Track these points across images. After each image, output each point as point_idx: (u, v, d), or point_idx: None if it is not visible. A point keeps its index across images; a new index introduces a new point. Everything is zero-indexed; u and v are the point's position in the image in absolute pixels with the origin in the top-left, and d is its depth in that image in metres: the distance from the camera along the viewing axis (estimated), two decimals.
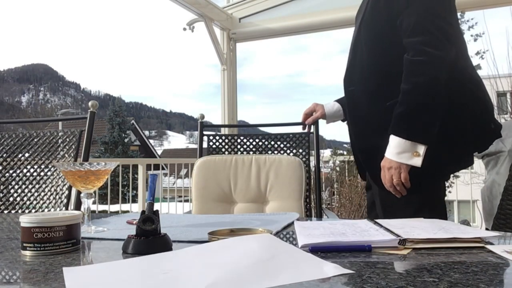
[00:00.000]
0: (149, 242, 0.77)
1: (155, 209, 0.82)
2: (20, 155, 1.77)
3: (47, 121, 3.27)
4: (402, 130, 1.28)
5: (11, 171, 1.76)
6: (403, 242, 0.76)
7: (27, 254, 0.77)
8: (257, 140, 2.10)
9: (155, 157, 29.09)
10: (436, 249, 0.75)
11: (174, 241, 0.82)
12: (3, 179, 1.75)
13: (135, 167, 5.62)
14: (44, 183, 1.72)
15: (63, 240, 0.79)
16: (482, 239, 0.79)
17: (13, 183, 1.74)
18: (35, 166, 1.74)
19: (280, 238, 0.89)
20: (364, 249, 0.75)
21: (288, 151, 2.04)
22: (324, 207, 5.07)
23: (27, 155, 1.76)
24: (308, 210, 1.93)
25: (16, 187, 1.73)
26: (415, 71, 1.28)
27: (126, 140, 27.05)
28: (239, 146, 2.11)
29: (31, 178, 1.73)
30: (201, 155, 2.07)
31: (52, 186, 1.70)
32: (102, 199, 9.67)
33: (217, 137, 2.14)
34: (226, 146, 2.11)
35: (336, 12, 4.13)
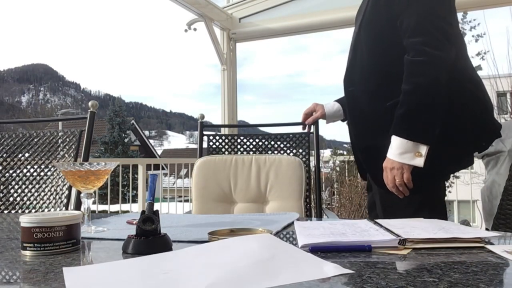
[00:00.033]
0: (149, 242, 0.77)
1: (155, 209, 0.82)
2: (20, 155, 1.76)
3: (47, 121, 3.27)
4: (404, 130, 1.28)
5: (11, 171, 1.76)
6: (403, 242, 0.76)
7: (27, 254, 0.77)
8: (257, 140, 2.10)
9: (155, 157, 29.09)
10: (436, 249, 0.75)
11: (174, 241, 0.82)
12: (3, 179, 1.75)
13: (135, 167, 5.62)
14: (44, 183, 1.72)
15: (63, 240, 0.79)
16: (482, 239, 0.79)
17: (13, 183, 1.74)
18: (35, 166, 1.74)
19: (280, 238, 0.89)
20: (364, 249, 0.75)
21: (288, 151, 2.04)
22: (324, 207, 5.07)
23: (27, 155, 1.76)
24: (308, 210, 1.93)
25: (16, 187, 1.73)
26: (416, 71, 1.28)
27: (126, 140, 27.05)
28: (239, 146, 2.11)
29: (31, 178, 1.73)
30: (201, 155, 2.07)
31: (52, 186, 1.70)
32: (102, 199, 9.67)
33: (217, 137, 2.14)
34: (226, 146, 2.11)
35: (336, 12, 4.13)
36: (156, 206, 0.84)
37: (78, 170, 1.00)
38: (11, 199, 1.72)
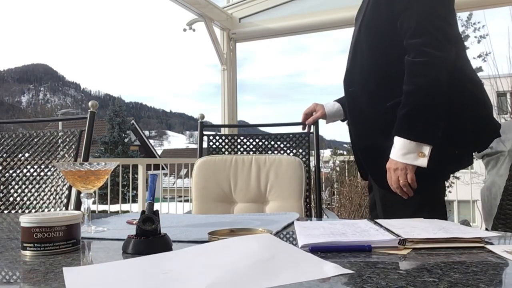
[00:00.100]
0: (149, 242, 0.77)
1: (155, 209, 0.82)
2: (20, 155, 1.76)
3: (47, 121, 3.27)
4: (406, 131, 1.28)
5: (11, 171, 1.76)
6: (403, 242, 0.76)
7: (27, 254, 0.77)
8: (257, 140, 2.10)
9: (155, 157, 29.09)
10: (436, 249, 0.75)
11: (174, 241, 0.82)
12: (3, 179, 1.75)
13: (135, 167, 5.62)
14: (44, 183, 1.72)
15: (63, 240, 0.79)
16: (482, 239, 0.79)
17: (13, 183, 1.74)
18: (35, 166, 1.74)
19: (280, 238, 0.89)
20: (364, 249, 0.75)
21: (288, 151, 2.04)
22: (324, 207, 5.07)
23: (27, 155, 1.76)
24: (308, 210, 1.93)
25: (16, 187, 1.73)
26: (417, 72, 1.29)
27: (126, 140, 27.05)
28: (239, 146, 2.11)
29: (31, 178, 1.73)
30: (201, 155, 2.07)
31: (52, 186, 1.70)
32: (102, 199, 9.67)
33: (217, 137, 2.14)
34: (226, 146, 2.11)
35: (336, 12, 4.13)
36: (156, 206, 0.84)
37: (78, 170, 1.00)
38: (11, 199, 1.72)
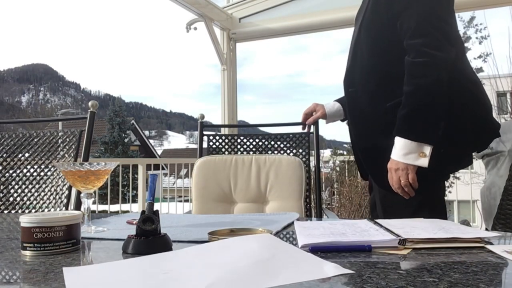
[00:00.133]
0: (149, 242, 0.77)
1: (155, 209, 0.82)
2: (20, 155, 1.76)
3: (47, 121, 3.27)
4: (407, 131, 1.28)
5: (11, 171, 1.76)
6: (403, 242, 0.76)
7: (27, 254, 0.77)
8: (257, 140, 2.10)
9: (155, 157, 29.09)
10: (436, 249, 0.75)
11: (174, 241, 0.82)
12: (3, 179, 1.75)
13: (135, 167, 5.62)
14: (44, 183, 1.72)
15: (63, 240, 0.79)
16: (482, 239, 0.79)
17: (13, 183, 1.74)
18: (35, 166, 1.74)
19: (280, 238, 0.89)
20: (364, 249, 0.75)
21: (288, 151, 2.04)
22: (324, 207, 5.07)
23: (27, 155, 1.76)
24: (308, 210, 1.93)
25: (16, 187, 1.73)
26: (417, 72, 1.29)
27: (126, 140, 27.05)
28: (239, 146, 2.11)
29: (31, 178, 1.73)
30: (201, 155, 2.07)
31: (52, 186, 1.70)
32: (102, 199, 9.67)
33: (217, 137, 2.14)
34: (226, 146, 2.11)
35: (336, 12, 4.13)
36: (156, 206, 0.84)
37: (78, 170, 1.00)
38: (11, 199, 1.72)
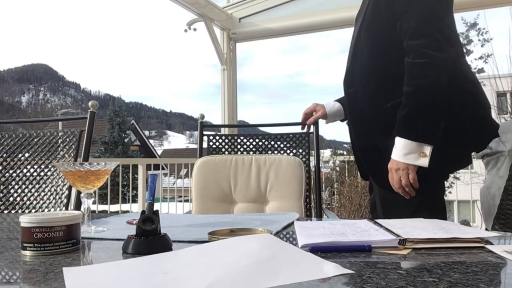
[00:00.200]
0: (149, 242, 0.77)
1: (155, 209, 0.82)
2: (20, 155, 1.76)
3: (47, 121, 3.27)
4: (407, 131, 1.29)
5: (11, 171, 1.76)
6: (403, 242, 0.76)
7: (27, 254, 0.77)
8: (257, 140, 2.10)
9: (155, 157, 29.08)
10: (436, 249, 0.75)
11: (174, 241, 0.82)
12: (3, 179, 1.75)
13: (135, 167, 5.62)
14: (44, 183, 1.72)
15: (63, 240, 0.79)
16: (482, 239, 0.79)
17: (13, 183, 1.74)
18: (35, 166, 1.74)
19: (280, 238, 0.89)
20: (364, 249, 0.75)
21: (288, 151, 2.04)
22: (324, 207, 5.07)
23: (27, 155, 1.76)
24: (308, 210, 1.93)
25: (16, 187, 1.73)
26: (417, 73, 1.29)
27: (126, 140, 27.05)
28: (239, 146, 2.11)
29: (31, 178, 1.73)
30: (201, 155, 2.07)
31: (52, 186, 1.70)
32: (102, 199, 9.67)
33: (217, 137, 2.14)
34: (226, 146, 2.11)
35: (336, 12, 4.14)
36: (156, 206, 0.84)
37: (78, 170, 1.00)
38: (11, 199, 1.72)
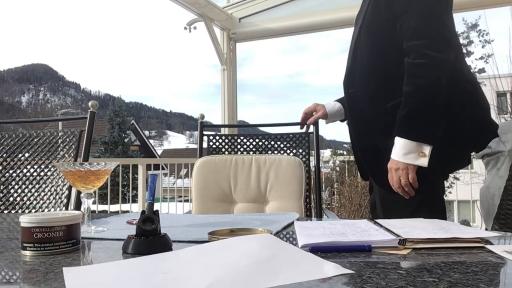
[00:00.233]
0: (149, 242, 0.77)
1: (155, 209, 0.82)
2: (20, 155, 1.76)
3: (47, 121, 3.27)
4: (407, 131, 1.29)
5: (11, 171, 1.76)
6: (403, 242, 0.76)
7: (27, 254, 0.77)
8: (257, 140, 2.10)
9: (155, 157, 29.08)
10: (436, 249, 0.75)
11: (174, 241, 0.82)
12: (3, 179, 1.75)
13: (135, 167, 5.62)
14: (44, 183, 1.72)
15: (63, 240, 0.79)
16: (482, 239, 0.79)
17: (13, 183, 1.74)
18: (35, 166, 1.74)
19: (280, 238, 0.89)
20: (364, 249, 0.75)
21: (288, 151, 2.04)
22: (324, 207, 5.07)
23: (27, 155, 1.76)
24: (308, 210, 1.93)
25: (16, 187, 1.73)
26: (417, 73, 1.29)
27: (126, 140, 27.05)
28: (239, 146, 2.11)
29: (31, 178, 1.73)
30: (201, 155, 2.07)
31: (52, 186, 1.70)
32: (102, 199, 9.67)
33: (217, 137, 2.14)
34: (226, 146, 2.11)
35: (336, 12, 4.14)
36: (156, 206, 0.84)
37: (78, 170, 1.00)
38: (11, 199, 1.72)
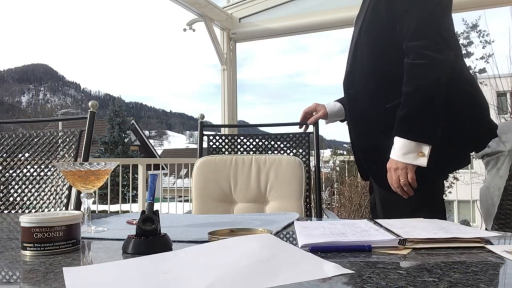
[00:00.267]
0: (149, 242, 0.77)
1: (155, 209, 0.82)
2: (20, 155, 1.76)
3: (47, 121, 3.27)
4: (406, 131, 1.30)
5: (11, 171, 1.76)
6: (403, 242, 0.76)
7: (27, 254, 0.77)
8: (257, 140, 2.10)
9: (155, 157, 29.08)
10: (436, 249, 0.75)
11: (174, 241, 0.82)
12: (3, 179, 1.75)
13: (135, 167, 5.62)
14: (44, 183, 1.72)
15: (63, 240, 0.79)
16: (482, 239, 0.79)
17: (13, 183, 1.74)
18: (35, 166, 1.74)
19: (280, 238, 0.89)
20: (364, 249, 0.75)
21: (288, 151, 2.04)
22: (324, 207, 5.07)
23: (27, 155, 1.76)
24: (308, 210, 1.93)
25: (16, 187, 1.73)
26: (416, 74, 1.30)
27: (126, 140, 27.05)
28: (239, 146, 2.11)
29: (31, 178, 1.73)
30: (201, 155, 2.07)
31: (52, 186, 1.70)
32: (102, 199, 9.67)
33: (217, 137, 2.14)
34: (226, 146, 2.11)
35: (336, 12, 4.14)
36: (156, 206, 0.84)
37: (78, 170, 1.00)
38: (11, 199, 1.72)
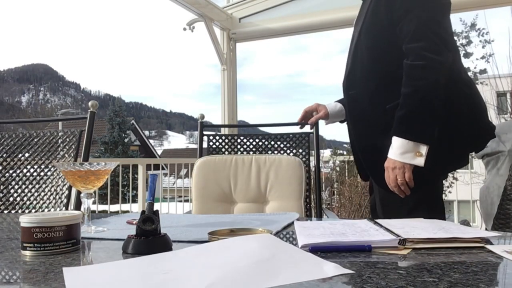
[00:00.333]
0: (149, 242, 0.77)
1: (155, 209, 0.82)
2: (20, 155, 1.76)
3: (47, 121, 3.27)
4: (404, 132, 1.31)
5: (11, 171, 1.76)
6: (403, 242, 0.76)
7: (27, 254, 0.77)
8: (257, 140, 2.10)
9: (155, 157, 29.08)
10: (436, 249, 0.75)
11: (174, 241, 0.82)
12: (3, 179, 1.75)
13: (135, 167, 5.62)
14: (44, 183, 1.72)
15: (63, 240, 0.79)
16: (482, 239, 0.79)
17: (13, 183, 1.74)
18: (35, 166, 1.74)
19: (280, 238, 0.89)
20: (364, 249, 0.75)
21: (288, 151, 2.04)
22: (324, 207, 5.07)
23: (27, 155, 1.76)
24: (308, 210, 1.93)
25: (16, 187, 1.73)
26: (415, 75, 1.31)
27: (126, 140, 27.05)
28: (239, 146, 2.11)
29: (31, 178, 1.73)
30: (201, 155, 2.07)
31: (52, 186, 1.70)
32: (102, 199, 9.67)
33: (217, 137, 2.14)
34: (226, 146, 2.11)
35: (336, 12, 4.14)
36: (156, 206, 0.84)
37: (78, 170, 1.00)
38: (11, 199, 1.72)
